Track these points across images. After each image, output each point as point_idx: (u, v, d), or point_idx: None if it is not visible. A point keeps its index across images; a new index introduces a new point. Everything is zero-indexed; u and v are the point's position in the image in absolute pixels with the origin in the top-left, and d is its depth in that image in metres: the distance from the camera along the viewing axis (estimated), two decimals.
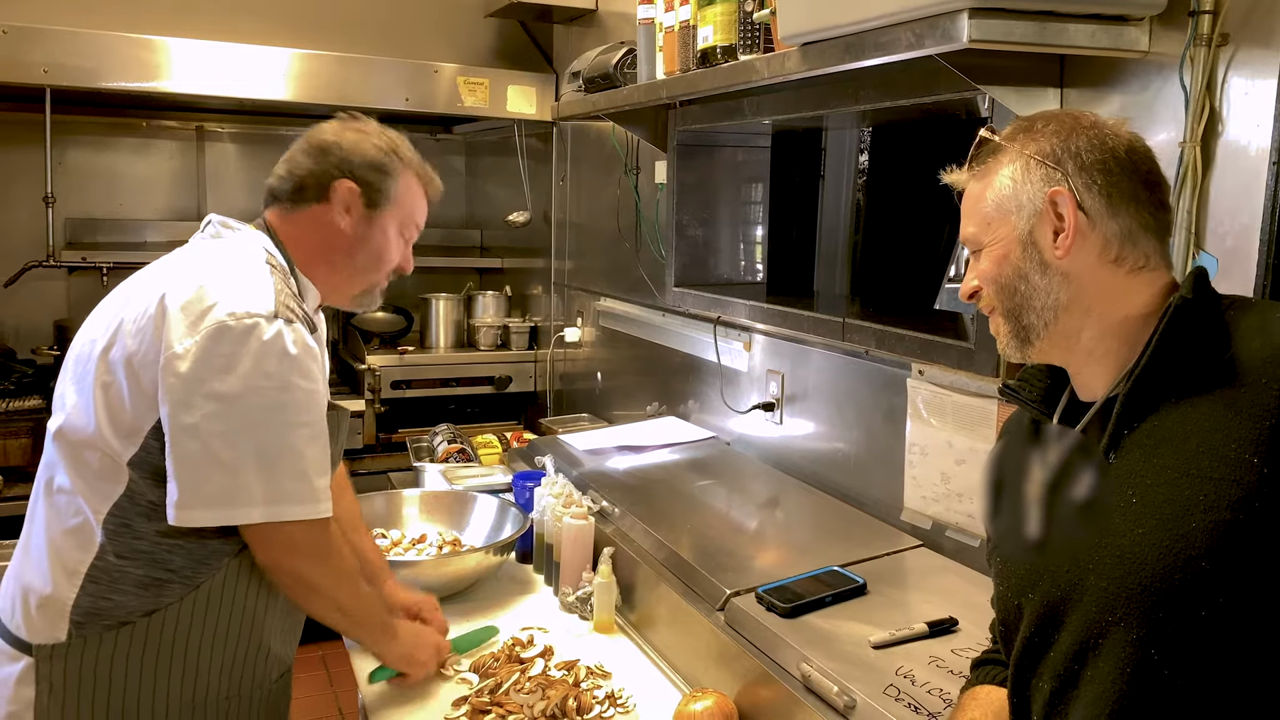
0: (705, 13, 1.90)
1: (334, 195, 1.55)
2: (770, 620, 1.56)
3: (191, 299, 1.37)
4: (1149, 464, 0.94)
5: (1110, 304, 1.01)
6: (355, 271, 1.61)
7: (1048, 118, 1.05)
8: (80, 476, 1.41)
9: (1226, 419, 0.89)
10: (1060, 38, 1.37)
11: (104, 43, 3.16)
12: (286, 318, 1.40)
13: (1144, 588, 0.90)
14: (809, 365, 2.25)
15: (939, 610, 1.55)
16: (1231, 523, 0.86)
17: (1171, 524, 0.89)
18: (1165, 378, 0.96)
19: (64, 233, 3.88)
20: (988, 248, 1.06)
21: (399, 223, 1.61)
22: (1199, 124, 1.34)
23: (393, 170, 1.59)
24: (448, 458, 2.76)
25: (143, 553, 1.41)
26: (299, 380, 1.40)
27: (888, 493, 1.97)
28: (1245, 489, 0.86)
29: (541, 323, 3.88)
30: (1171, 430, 0.94)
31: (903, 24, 1.40)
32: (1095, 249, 1.00)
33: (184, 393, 1.35)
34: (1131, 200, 1.00)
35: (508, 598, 2.05)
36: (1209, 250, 1.36)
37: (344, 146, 1.57)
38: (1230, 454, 0.88)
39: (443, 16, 4.01)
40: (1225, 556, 0.86)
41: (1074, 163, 1.00)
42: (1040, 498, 1.06)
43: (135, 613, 1.40)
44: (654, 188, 2.83)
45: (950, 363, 1.73)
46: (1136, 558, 0.91)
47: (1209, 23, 1.32)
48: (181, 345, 1.34)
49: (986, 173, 1.06)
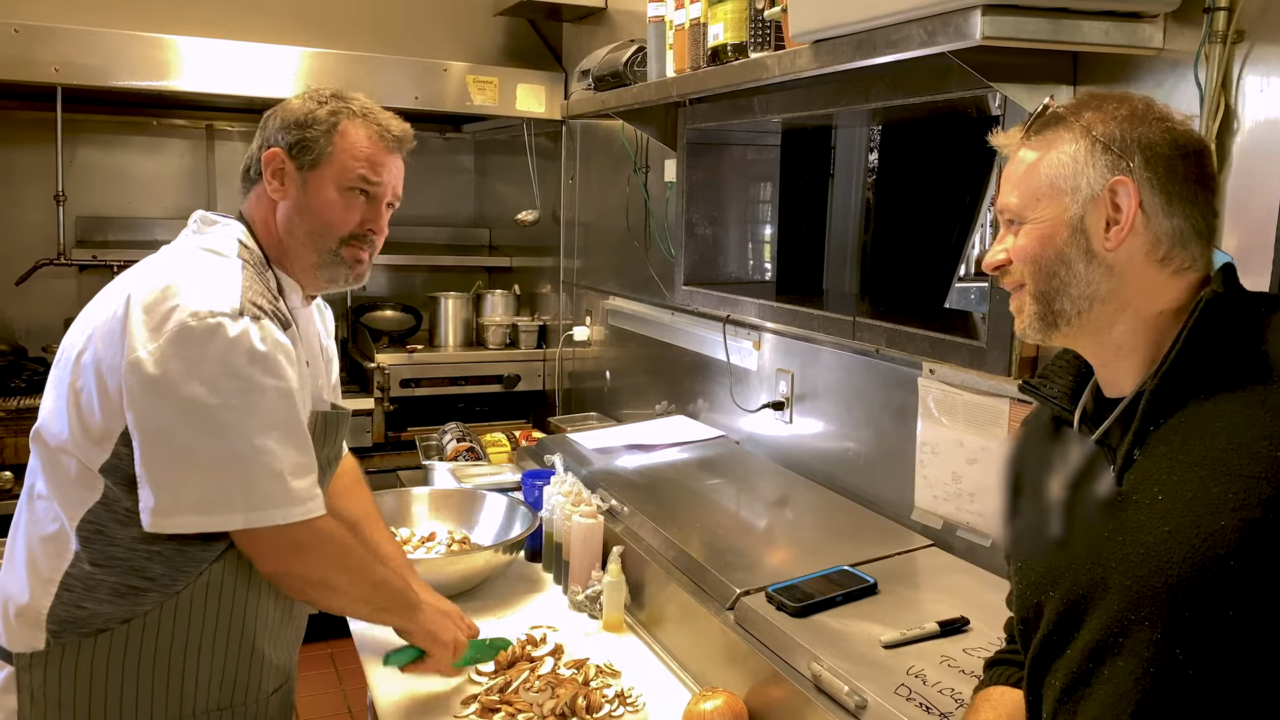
0: (716, 10, 1.89)
1: (265, 167, 1.49)
2: (780, 619, 1.55)
3: (154, 300, 1.33)
4: (1176, 461, 0.92)
5: (1147, 301, 0.99)
6: (304, 242, 1.50)
7: (1119, 99, 1.01)
8: (56, 483, 1.39)
9: (1258, 416, 0.88)
10: (1074, 34, 1.36)
11: (115, 41, 3.16)
12: (253, 314, 1.35)
13: (1170, 586, 0.89)
14: (819, 364, 2.24)
15: (950, 610, 1.54)
16: (1262, 521, 0.85)
17: (1200, 522, 0.88)
18: (1194, 373, 0.94)
19: (75, 231, 3.90)
20: (1031, 223, 1.01)
21: (342, 179, 1.48)
22: (1214, 121, 1.33)
23: (321, 123, 1.47)
24: (456, 456, 2.76)
25: (119, 560, 1.37)
26: (268, 379, 1.35)
27: (898, 492, 1.97)
28: (1275, 487, 0.85)
29: (550, 322, 3.88)
30: (1200, 427, 0.92)
31: (915, 21, 1.39)
32: (1145, 246, 0.97)
33: (149, 398, 1.31)
34: (1190, 202, 0.97)
35: (517, 596, 2.05)
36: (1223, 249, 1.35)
37: (277, 114, 1.51)
38: (1262, 451, 0.86)
39: (452, 15, 4.00)
40: (1255, 555, 0.85)
41: (1142, 155, 0.96)
42: (1062, 495, 1.05)
43: (112, 620, 1.37)
44: (663, 186, 2.82)
45: (961, 361, 1.72)
46: (1163, 556, 0.90)
47: (1224, 19, 1.31)
48: (145, 349, 1.31)
49: (1045, 144, 1.00)
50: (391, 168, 1.53)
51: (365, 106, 1.53)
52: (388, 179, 1.52)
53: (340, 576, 1.48)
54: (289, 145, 1.49)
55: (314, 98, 1.52)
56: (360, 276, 1.56)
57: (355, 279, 1.55)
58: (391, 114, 1.57)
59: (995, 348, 1.64)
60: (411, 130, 1.59)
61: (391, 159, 1.53)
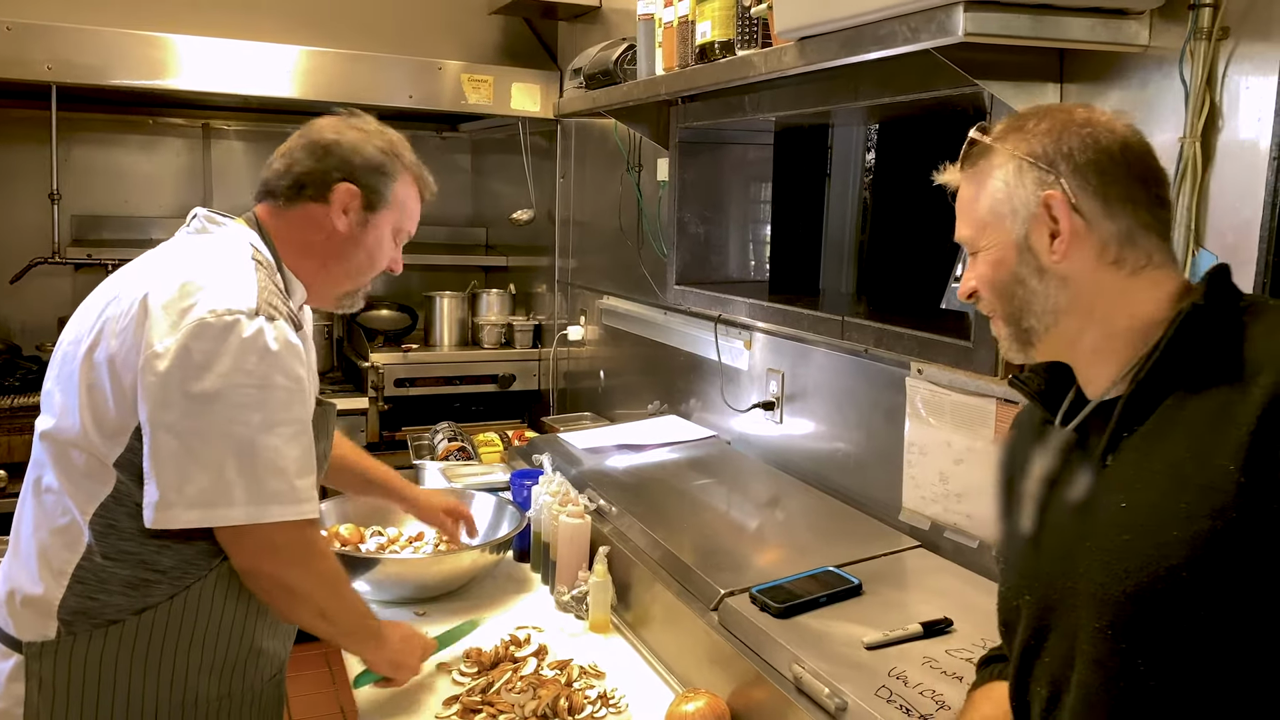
0: (704, 7, 1.88)
1: (334, 196, 1.53)
2: (763, 620, 1.54)
3: (174, 297, 1.36)
4: (1141, 468, 0.92)
5: (1112, 306, 0.98)
6: (346, 273, 1.60)
7: (1040, 114, 1.02)
8: (67, 477, 1.40)
9: (1215, 424, 0.87)
10: (1058, 31, 1.35)
11: (108, 40, 3.16)
12: (269, 314, 1.38)
13: (1127, 595, 0.88)
14: (809, 364, 2.23)
15: (935, 611, 1.53)
16: (1210, 532, 0.84)
17: (1154, 531, 0.87)
18: (1169, 380, 0.93)
19: (70, 229, 3.89)
20: (983, 251, 1.04)
21: (394, 226, 1.60)
22: (1199, 119, 1.32)
23: (392, 173, 1.57)
24: (448, 456, 2.75)
25: (129, 553, 1.39)
26: (280, 378, 1.37)
27: (887, 492, 1.95)
28: (1223, 498, 0.84)
29: (546, 321, 3.87)
30: (1167, 434, 0.91)
31: (898, 18, 1.38)
32: (1093, 251, 0.97)
33: (163, 391, 1.33)
34: (1128, 200, 0.97)
35: (504, 596, 2.04)
36: (1209, 247, 1.34)
37: (344, 146, 1.55)
38: (1213, 461, 0.85)
39: (448, 14, 4.00)
40: (1204, 567, 0.84)
41: (1067, 164, 0.97)
42: (1038, 496, 1.04)
43: (124, 612, 1.39)
44: (656, 185, 2.82)
45: (948, 361, 1.71)
46: (1122, 564, 0.89)
47: (1209, 16, 1.30)
48: (162, 344, 1.33)
49: (979, 174, 1.03)
50: None
51: (416, 162, 1.64)
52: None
53: (310, 584, 1.48)
54: (364, 186, 1.55)
55: (373, 142, 1.57)
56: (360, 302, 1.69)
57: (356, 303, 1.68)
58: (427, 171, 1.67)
59: (982, 347, 1.63)
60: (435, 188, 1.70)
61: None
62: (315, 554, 1.48)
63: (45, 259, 3.59)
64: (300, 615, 1.51)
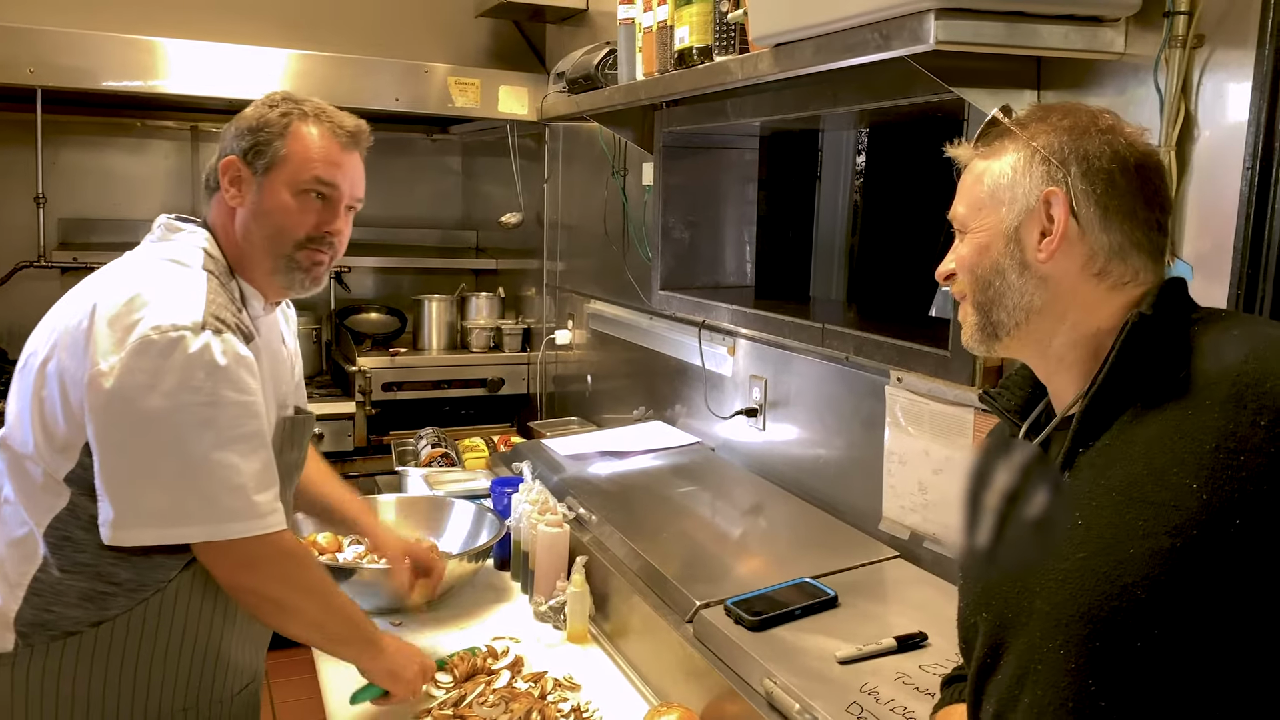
0: (682, 13, 1.87)
1: (223, 175, 1.49)
2: (737, 633, 1.53)
3: (119, 312, 1.33)
4: (1097, 485, 0.90)
5: (1086, 315, 0.97)
6: (263, 249, 1.49)
7: (1065, 110, 0.99)
8: (23, 489, 1.39)
9: (1173, 441, 0.85)
10: (1031, 39, 1.33)
11: (93, 43, 3.14)
12: (215, 328, 1.35)
13: (1082, 615, 0.86)
14: (791, 371, 2.22)
15: (911, 624, 1.51)
16: (1169, 551, 0.82)
17: (1111, 550, 0.86)
18: (1122, 395, 0.92)
19: (57, 233, 3.88)
20: (972, 233, 1.02)
21: (291, 180, 1.47)
22: (1174, 128, 1.31)
23: (274, 125, 1.46)
24: (431, 462, 2.73)
25: (85, 566, 1.38)
26: (230, 393, 1.35)
27: (868, 502, 1.94)
28: (1184, 515, 0.82)
29: (535, 325, 3.85)
30: (1122, 451, 0.90)
31: (870, 25, 1.37)
32: (1080, 259, 0.95)
33: (109, 410, 1.31)
34: (1129, 217, 0.95)
35: (484, 606, 2.03)
36: (1184, 258, 1.33)
37: (233, 123, 1.51)
38: (1172, 478, 0.84)
39: (437, 17, 3.99)
40: (1162, 586, 0.82)
41: (1079, 166, 0.94)
42: (998, 513, 1.03)
43: (81, 624, 1.38)
44: (642, 190, 2.80)
45: (927, 370, 1.70)
46: (1077, 583, 0.87)
47: (1184, 23, 1.28)
48: (106, 362, 1.31)
49: (991, 154, 1.01)
50: (347, 167, 1.51)
51: (318, 107, 1.52)
52: (343, 179, 1.50)
53: (293, 595, 1.47)
54: (243, 151, 1.49)
55: (266, 102, 1.51)
56: (318, 281, 1.54)
57: (312, 283, 1.54)
58: (346, 113, 1.55)
59: (959, 356, 1.61)
60: (367, 127, 1.57)
61: (347, 157, 1.51)
62: (295, 565, 1.46)
63: (31, 263, 3.57)
64: (291, 627, 1.50)
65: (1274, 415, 0.80)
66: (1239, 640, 0.81)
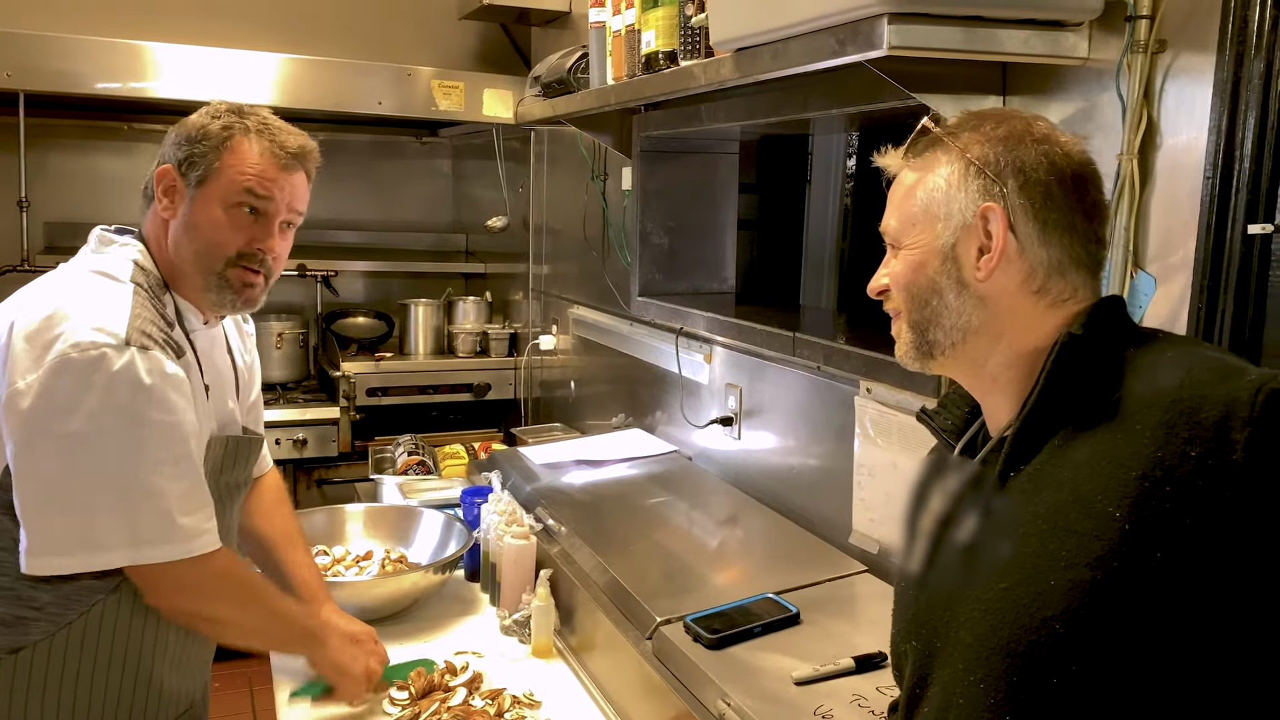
0: (648, 17, 1.84)
1: (157, 185, 1.43)
2: (695, 652, 1.49)
3: (37, 328, 1.28)
4: (1025, 511, 0.86)
5: (1023, 334, 0.93)
6: (194, 264, 1.42)
7: (1000, 118, 0.95)
8: None
9: (1100, 467, 0.81)
10: (990, 44, 1.29)
11: (73, 46, 3.13)
12: (141, 344, 1.29)
13: (1001, 648, 0.83)
14: (766, 380, 2.18)
15: (871, 643, 1.47)
16: (1089, 583, 0.78)
17: (1032, 580, 0.82)
18: (1052, 418, 0.88)
19: (44, 237, 3.86)
20: (906, 249, 0.97)
21: (223, 194, 1.40)
22: (1136, 135, 1.27)
23: (212, 138, 1.39)
24: (407, 470, 2.70)
25: (4, 589, 1.33)
26: (154, 414, 1.30)
27: (839, 513, 1.90)
28: (1105, 545, 0.78)
29: (521, 329, 3.82)
30: (1051, 476, 0.86)
31: (825, 30, 1.34)
32: (1019, 276, 0.91)
33: (26, 432, 1.26)
34: (1068, 230, 0.91)
35: (450, 618, 1.99)
36: (1147, 269, 1.29)
37: (176, 127, 1.45)
38: (1096, 505, 0.79)
39: (422, 19, 3.96)
40: (1080, 620, 0.78)
41: (1016, 179, 0.90)
42: (931, 536, 0.99)
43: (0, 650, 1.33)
44: (622, 194, 2.76)
45: (894, 381, 1.66)
46: (998, 614, 0.84)
47: (1145, 28, 1.24)
48: (24, 380, 1.25)
49: (923, 166, 0.96)
50: (285, 184, 1.44)
51: (262, 122, 1.45)
52: (279, 196, 1.44)
53: (232, 612, 1.43)
54: (179, 161, 1.43)
55: (210, 112, 1.46)
56: (251, 301, 1.48)
57: (245, 303, 1.47)
58: (294, 130, 1.49)
59: None
60: (314, 147, 1.51)
61: (286, 176, 1.44)
62: (227, 582, 1.42)
63: (14, 267, 3.55)
64: (230, 638, 1.47)
65: (1205, 446, 0.75)
66: (1158, 676, 0.77)
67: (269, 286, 1.49)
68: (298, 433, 3.52)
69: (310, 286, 4.06)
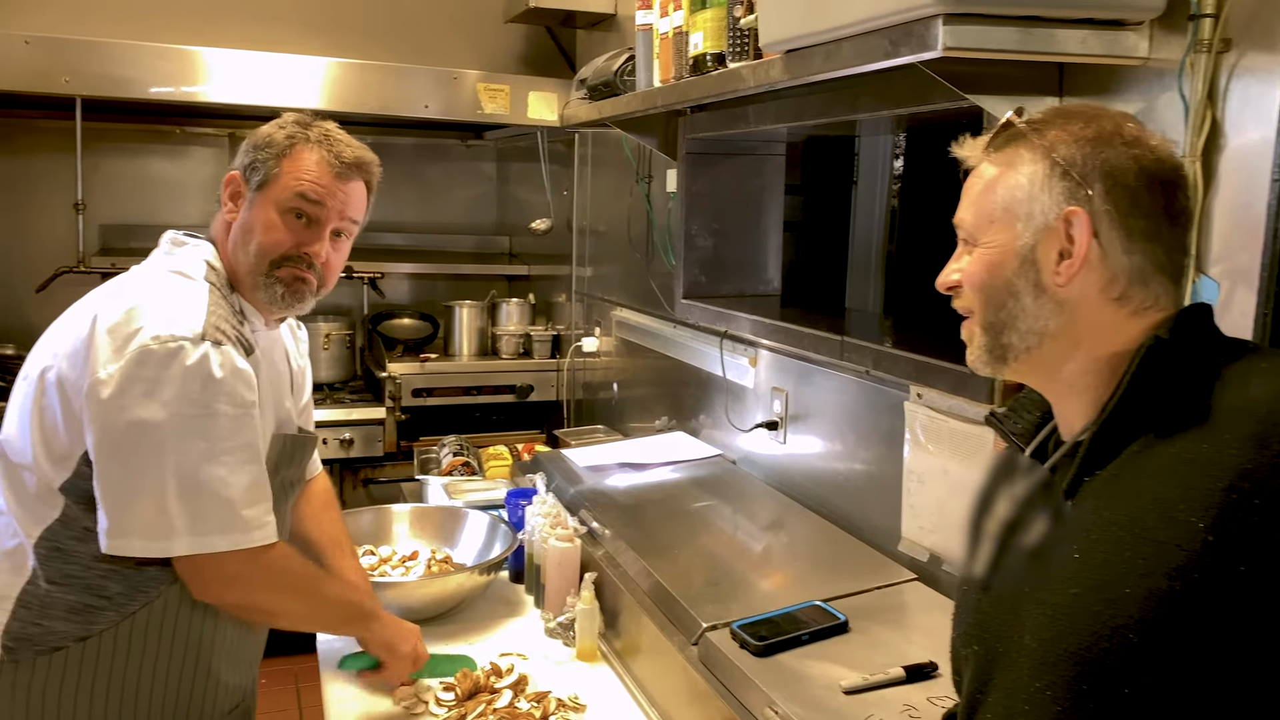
0: (696, 19, 1.83)
1: (225, 189, 1.52)
2: (742, 658, 1.48)
3: (119, 322, 1.34)
4: (1098, 516, 0.84)
5: (1102, 340, 0.90)
6: (245, 264, 1.49)
7: (1089, 116, 0.91)
8: (16, 498, 1.40)
9: (1183, 476, 0.79)
10: (1048, 44, 1.27)
11: (127, 52, 3.19)
12: (215, 339, 1.36)
13: (1070, 655, 0.81)
14: (813, 383, 2.16)
15: (922, 652, 1.45)
16: (1166, 593, 0.76)
17: (1106, 587, 0.80)
18: (1133, 423, 0.86)
19: (97, 239, 3.94)
20: (982, 246, 0.94)
21: (278, 198, 1.46)
22: (1199, 137, 1.24)
23: (276, 146, 1.47)
24: (451, 471, 2.72)
25: (75, 578, 1.38)
26: (225, 405, 1.35)
27: (887, 520, 1.88)
28: (1186, 556, 0.76)
29: (564, 331, 3.83)
30: (1129, 483, 0.84)
31: (878, 31, 1.32)
32: (1100, 283, 0.89)
33: (106, 419, 1.32)
34: (1153, 238, 0.88)
35: (494, 620, 2.00)
36: (1210, 274, 1.26)
37: (249, 136, 1.53)
38: (1179, 515, 0.77)
39: (469, 23, 3.99)
40: (1156, 630, 0.76)
41: (1103, 183, 0.87)
42: (997, 540, 0.97)
43: (67, 638, 1.38)
44: (666, 196, 2.76)
45: (945, 387, 1.63)
46: (1068, 621, 0.82)
47: (1210, 27, 1.21)
48: (105, 371, 1.31)
49: (1004, 161, 0.92)
50: (339, 192, 1.50)
51: (324, 133, 1.51)
52: (331, 203, 1.49)
53: (286, 601, 1.47)
54: (244, 167, 1.50)
55: (279, 123, 1.52)
56: (301, 298, 1.52)
57: (295, 298, 1.51)
58: (355, 143, 1.55)
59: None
60: (373, 159, 1.57)
61: (340, 184, 1.50)
62: (278, 573, 1.45)
63: (70, 268, 3.62)
64: (282, 625, 1.51)
65: None
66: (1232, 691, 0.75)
67: (321, 293, 1.54)
68: (344, 433, 3.56)
69: (357, 288, 4.10)
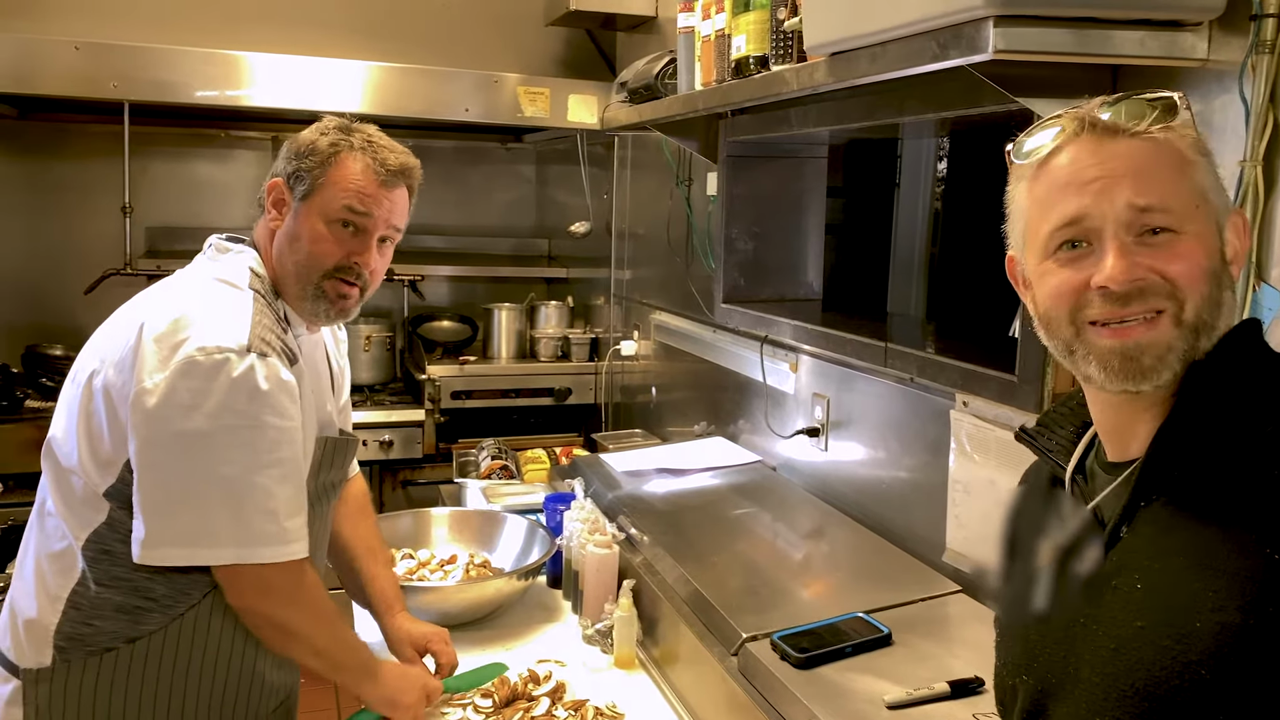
0: (739, 21, 1.81)
1: (268, 196, 1.51)
2: (783, 670, 1.46)
3: (166, 331, 1.34)
4: (1158, 545, 0.81)
5: None
6: (292, 274, 1.49)
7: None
8: (64, 501, 1.41)
9: (1257, 501, 0.75)
10: (1104, 46, 1.24)
11: (173, 57, 3.23)
12: (261, 351, 1.36)
13: (1136, 690, 0.77)
14: (855, 390, 2.13)
15: (967, 667, 1.42)
16: (1241, 627, 0.72)
17: (1174, 620, 0.76)
18: (1191, 445, 0.82)
19: (145, 241, 3.99)
20: (1191, 235, 0.81)
21: (325, 209, 1.46)
22: (1260, 141, 1.20)
23: (320, 153, 1.46)
24: (490, 474, 2.72)
25: (123, 580, 1.39)
26: (270, 417, 1.36)
27: (931, 531, 1.84)
28: (1262, 588, 0.72)
29: (603, 334, 3.82)
30: (1191, 509, 0.80)
31: (927, 33, 1.29)
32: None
33: (150, 428, 1.32)
34: None
35: (532, 625, 1.99)
36: (1272, 282, 1.22)
37: (290, 141, 1.52)
38: (1250, 545, 0.74)
39: (509, 26, 4.00)
40: (1229, 666, 0.73)
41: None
42: (1047, 566, 0.94)
43: (117, 639, 1.39)
44: (706, 200, 2.74)
45: (992, 395, 1.61)
46: (1133, 654, 0.78)
47: (1273, 27, 1.17)
48: (151, 380, 1.32)
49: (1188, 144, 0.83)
50: (384, 200, 1.50)
51: (367, 139, 1.51)
52: (378, 212, 1.49)
53: (311, 623, 1.46)
54: (288, 175, 1.50)
55: (320, 128, 1.52)
56: (345, 312, 1.53)
57: (340, 314, 1.53)
58: (398, 148, 1.54)
59: (1026, 381, 1.52)
60: (416, 164, 1.56)
61: (385, 192, 1.50)
62: (308, 592, 1.45)
63: (118, 270, 3.68)
64: (293, 650, 1.50)
65: None
66: None
67: (364, 299, 1.55)
68: (384, 434, 3.58)
69: (397, 290, 4.12)
